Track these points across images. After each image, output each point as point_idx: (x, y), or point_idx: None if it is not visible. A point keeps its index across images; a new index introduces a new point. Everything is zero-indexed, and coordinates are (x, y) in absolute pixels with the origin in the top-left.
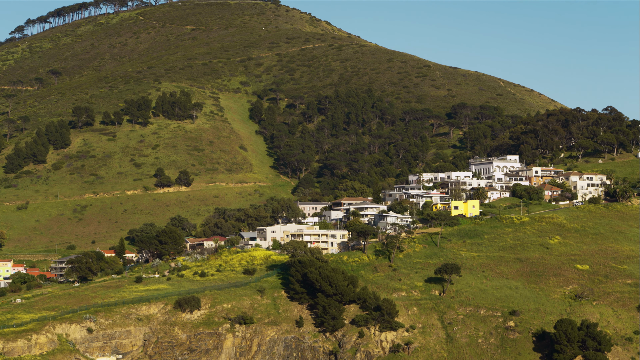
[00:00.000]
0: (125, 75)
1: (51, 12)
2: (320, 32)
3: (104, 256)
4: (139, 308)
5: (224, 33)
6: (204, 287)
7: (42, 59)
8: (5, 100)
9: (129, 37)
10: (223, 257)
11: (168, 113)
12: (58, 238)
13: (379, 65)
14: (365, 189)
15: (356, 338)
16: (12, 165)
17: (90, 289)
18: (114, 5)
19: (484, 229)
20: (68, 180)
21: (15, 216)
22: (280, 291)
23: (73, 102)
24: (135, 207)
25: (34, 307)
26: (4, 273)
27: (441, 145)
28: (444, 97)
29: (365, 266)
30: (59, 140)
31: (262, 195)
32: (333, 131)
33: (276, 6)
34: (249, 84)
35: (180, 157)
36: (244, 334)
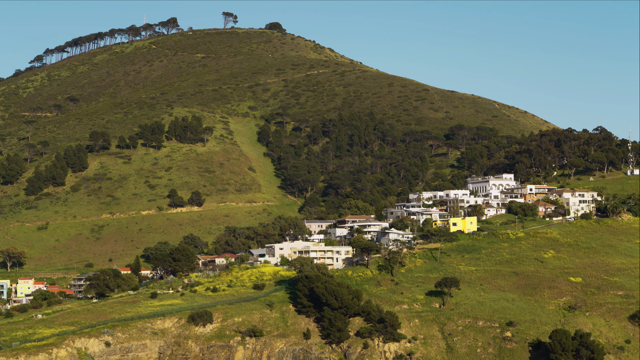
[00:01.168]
0: (139, 101)
1: (69, 42)
2: (324, 58)
3: (120, 273)
4: (154, 322)
5: (232, 60)
6: (216, 302)
7: (60, 86)
8: (25, 126)
9: (142, 65)
10: (234, 273)
11: (180, 137)
12: (77, 256)
13: (380, 90)
14: (368, 207)
15: (361, 349)
16: (32, 187)
17: (107, 304)
18: (128, 35)
19: (482, 244)
20: (86, 201)
21: (36, 236)
22: (288, 305)
23: (90, 127)
24: (149, 227)
25: (54, 322)
26: (26, 290)
27: (440, 165)
28: (442, 119)
29: (369, 280)
30: (77, 163)
31: (270, 214)
32: (337, 152)
33: (282, 34)
34: (257, 109)
35: (192, 179)
36: (254, 346)
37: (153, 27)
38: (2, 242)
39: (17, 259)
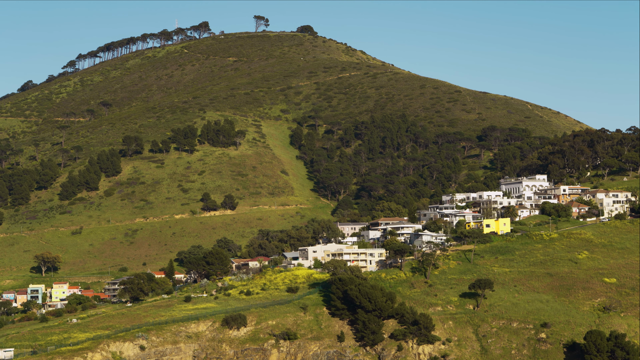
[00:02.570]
0: (171, 106)
1: (101, 47)
2: (355, 61)
3: (154, 277)
4: (188, 326)
5: (264, 64)
6: (250, 305)
7: (93, 91)
8: (59, 131)
9: (174, 69)
10: (267, 277)
11: (213, 140)
12: (111, 261)
13: (412, 92)
14: (401, 209)
15: (395, 351)
16: (66, 192)
17: (142, 308)
18: (160, 39)
19: (515, 246)
20: (119, 205)
21: (70, 241)
22: (322, 308)
23: (123, 132)
24: (183, 230)
25: (89, 326)
26: (61, 295)
27: (473, 167)
28: (475, 121)
29: (402, 283)
30: (110, 168)
31: (303, 217)
32: (369, 155)
33: (314, 37)
34: (289, 112)
35: (225, 182)
36: (288, 349)
37: (185, 32)
38: (36, 246)
39: (52, 263)
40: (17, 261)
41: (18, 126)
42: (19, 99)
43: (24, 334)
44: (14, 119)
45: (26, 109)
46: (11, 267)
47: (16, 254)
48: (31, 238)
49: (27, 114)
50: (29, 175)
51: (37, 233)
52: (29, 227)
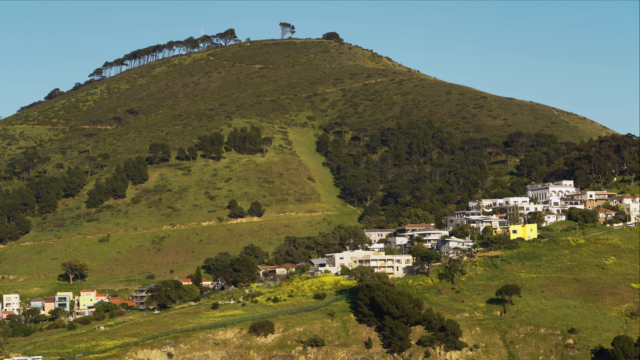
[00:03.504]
0: (198, 113)
1: (127, 55)
2: (381, 67)
3: (181, 284)
4: (215, 333)
5: (290, 71)
6: (277, 312)
7: (119, 99)
8: (86, 138)
9: (201, 76)
10: (294, 283)
11: (239, 148)
12: (138, 268)
13: (438, 98)
14: (427, 216)
15: (422, 358)
16: (93, 200)
17: (169, 315)
18: (186, 47)
19: (542, 252)
20: (146, 213)
21: (97, 248)
22: (349, 314)
23: (150, 139)
24: (210, 238)
25: (117, 334)
26: (88, 302)
27: (499, 173)
28: (501, 127)
29: (429, 289)
30: (137, 175)
31: (330, 224)
32: (396, 161)
33: (339, 44)
34: (315, 119)
35: (251, 189)
36: (316, 355)
37: (211, 39)
38: (64, 254)
39: (79, 271)
40: (45, 269)
41: (45, 134)
42: (46, 107)
43: (51, 341)
44: (41, 127)
45: (53, 117)
46: (39, 274)
47: (44, 261)
48: (59, 246)
49: (54, 121)
50: (56, 183)
51: (64, 241)
52: (57, 234)
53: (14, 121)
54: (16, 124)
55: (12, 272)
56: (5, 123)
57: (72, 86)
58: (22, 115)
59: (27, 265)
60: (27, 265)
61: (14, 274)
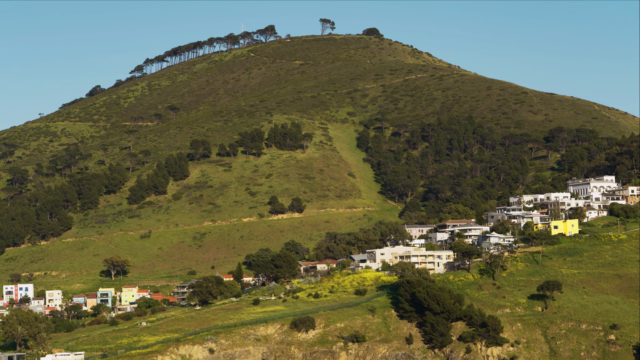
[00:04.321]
0: (238, 109)
1: (168, 52)
2: (422, 63)
3: (223, 280)
4: (257, 329)
5: (330, 67)
6: (318, 307)
7: (160, 95)
8: (127, 135)
9: (241, 73)
10: (335, 279)
11: (280, 144)
12: (179, 264)
13: (479, 93)
14: (468, 211)
15: (463, 353)
16: (135, 196)
17: (210, 311)
18: (227, 43)
19: (583, 247)
20: (187, 209)
21: (139, 244)
22: (390, 310)
23: (190, 136)
24: (251, 234)
25: (159, 329)
26: (130, 298)
27: (540, 168)
28: (542, 122)
29: (470, 285)
30: (178, 172)
31: (370, 220)
32: (436, 157)
33: (380, 40)
34: (355, 114)
35: (292, 185)
36: (357, 351)
37: (251, 35)
38: (106, 250)
39: (121, 267)
40: (87, 265)
41: (87, 131)
42: (88, 104)
43: (94, 337)
44: (82, 123)
45: (94, 114)
46: (81, 271)
47: (86, 258)
48: (100, 242)
49: (95, 118)
50: (97, 180)
51: (106, 237)
52: (98, 231)
53: (55, 118)
54: (58, 120)
55: (55, 268)
56: (47, 120)
57: (114, 83)
58: (63, 112)
59: (69, 262)
60: (69, 261)
61: (56, 270)
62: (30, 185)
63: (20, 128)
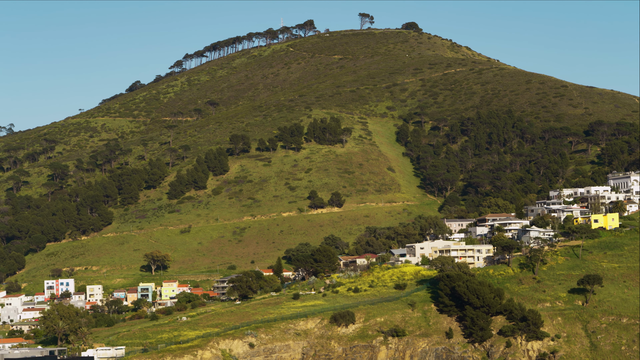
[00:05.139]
0: (278, 104)
1: (207, 47)
2: (461, 57)
3: (262, 275)
4: (297, 323)
5: (369, 61)
6: (358, 302)
7: (200, 91)
8: (167, 130)
9: (280, 67)
10: (375, 273)
11: (319, 138)
12: (219, 259)
13: (518, 87)
14: (508, 205)
15: (504, 348)
16: (174, 191)
17: (250, 306)
18: (266, 38)
19: (624, 241)
20: (227, 204)
21: (179, 239)
22: (430, 304)
23: (230, 131)
24: (290, 228)
25: (199, 324)
26: (170, 293)
27: (580, 162)
28: (581, 116)
29: (510, 279)
30: (218, 166)
31: (410, 214)
32: (476, 151)
33: (418, 34)
34: (394, 109)
35: (331, 180)
36: (397, 345)
37: (290, 30)
38: (146, 245)
39: (161, 262)
40: (127, 260)
41: (127, 126)
42: (128, 100)
43: (134, 332)
44: (122, 119)
45: (134, 109)
46: (121, 265)
47: (126, 252)
48: (141, 237)
49: (135, 114)
50: (137, 175)
51: (146, 232)
52: (139, 226)
53: (96, 113)
54: (98, 116)
55: (95, 263)
56: (87, 115)
57: (153, 78)
58: (103, 107)
59: (109, 257)
60: (109, 256)
61: (97, 265)
62: (70, 180)
63: (61, 124)
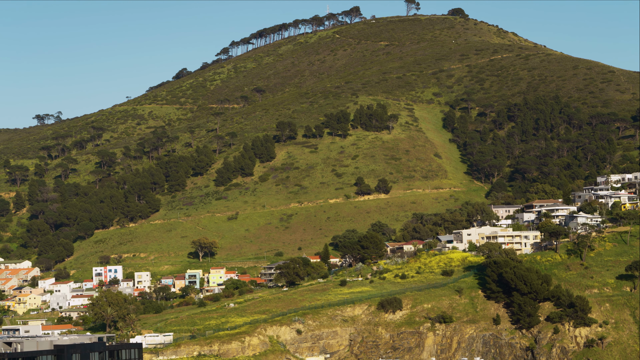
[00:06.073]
0: (324, 91)
1: (253, 34)
2: (507, 43)
3: (309, 262)
4: (344, 310)
5: (416, 47)
6: (405, 288)
7: (246, 78)
8: (213, 117)
9: (326, 54)
10: (422, 260)
11: (366, 125)
12: (266, 245)
13: (565, 73)
14: (555, 192)
15: (551, 334)
16: (221, 178)
17: (298, 292)
18: (312, 25)
19: None
20: (274, 191)
21: (226, 226)
22: (477, 291)
23: (276, 118)
24: (337, 215)
25: (246, 311)
26: (218, 280)
27: (627, 147)
28: (629, 101)
29: (557, 265)
30: (265, 153)
31: (457, 200)
32: (523, 137)
33: (465, 20)
34: (441, 95)
35: (378, 166)
36: (444, 332)
37: (336, 17)
38: (193, 232)
39: (209, 249)
40: (175, 247)
41: (173, 113)
42: (174, 87)
43: (182, 318)
44: (169, 106)
45: (181, 97)
46: (169, 252)
47: (174, 239)
48: (188, 224)
49: (182, 101)
50: (185, 162)
51: (193, 219)
52: (186, 213)
53: (143, 101)
54: (145, 104)
55: (143, 250)
56: (134, 103)
57: (200, 66)
58: (150, 95)
59: (157, 244)
60: (157, 243)
61: (144, 252)
62: (118, 168)
63: (108, 111)
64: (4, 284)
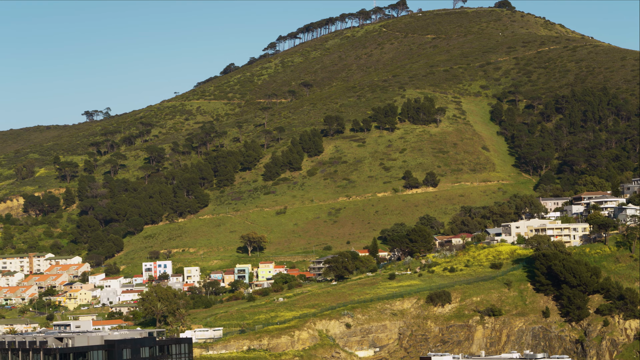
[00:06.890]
0: (371, 84)
1: (300, 28)
2: (554, 34)
3: (358, 255)
4: (393, 303)
5: (463, 40)
6: (454, 281)
7: (293, 72)
8: (261, 112)
9: (373, 48)
10: (470, 253)
11: (413, 118)
12: (315, 240)
13: (613, 64)
14: (604, 183)
15: (601, 327)
16: (270, 173)
17: (346, 286)
18: (359, 19)
19: None
20: (322, 185)
21: (274, 220)
22: (526, 283)
23: (324, 112)
24: (385, 208)
25: (295, 305)
26: (267, 274)
27: None
28: None
29: (607, 257)
30: (312, 148)
31: (505, 193)
32: (571, 129)
33: (511, 12)
34: (488, 88)
35: (426, 160)
36: (493, 325)
37: (383, 10)
38: (242, 227)
39: (258, 243)
40: (224, 242)
41: (221, 109)
42: (222, 82)
43: (232, 313)
44: (217, 101)
45: (229, 92)
46: (218, 247)
47: (223, 234)
48: (237, 219)
49: (229, 96)
50: (233, 157)
51: (242, 214)
52: (234, 207)
53: (191, 96)
54: (193, 99)
55: (192, 245)
56: (182, 99)
57: (247, 61)
58: (198, 90)
59: (206, 238)
60: (206, 238)
61: (194, 247)
62: (167, 163)
63: (157, 107)
64: (55, 279)
